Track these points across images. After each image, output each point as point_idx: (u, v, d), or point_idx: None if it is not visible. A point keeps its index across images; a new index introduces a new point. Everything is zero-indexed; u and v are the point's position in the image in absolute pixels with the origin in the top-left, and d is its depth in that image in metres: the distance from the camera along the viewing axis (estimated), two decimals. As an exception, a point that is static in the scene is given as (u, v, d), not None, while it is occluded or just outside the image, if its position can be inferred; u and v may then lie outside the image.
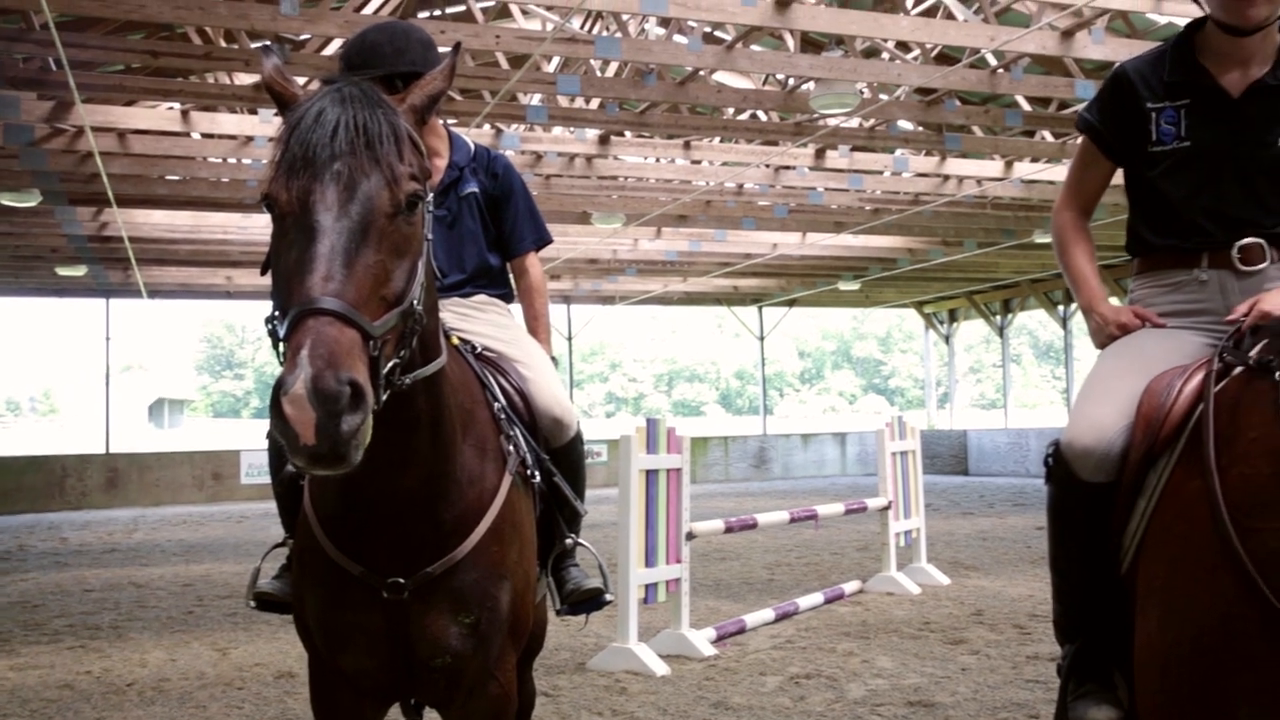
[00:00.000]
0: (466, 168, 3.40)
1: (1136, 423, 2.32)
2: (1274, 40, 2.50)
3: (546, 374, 3.24)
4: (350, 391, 1.76)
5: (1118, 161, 2.67)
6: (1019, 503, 17.33)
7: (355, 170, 1.99)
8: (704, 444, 26.57)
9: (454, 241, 3.37)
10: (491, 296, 3.42)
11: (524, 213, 3.49)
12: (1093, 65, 11.65)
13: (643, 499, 6.21)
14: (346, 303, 1.86)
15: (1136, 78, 2.60)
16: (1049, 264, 22.41)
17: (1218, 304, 2.50)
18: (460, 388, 2.68)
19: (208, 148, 12.61)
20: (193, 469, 22.35)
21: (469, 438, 2.65)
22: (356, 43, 3.28)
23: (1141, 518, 2.27)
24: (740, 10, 8.73)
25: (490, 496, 2.64)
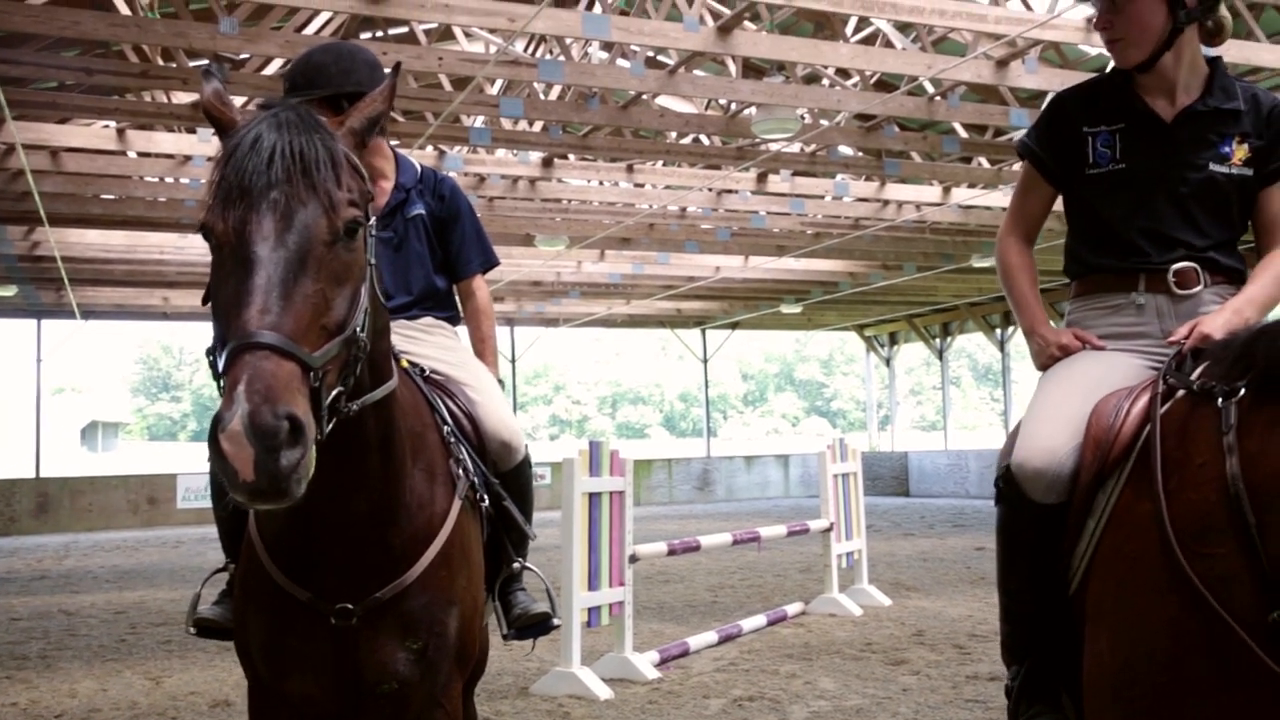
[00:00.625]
0: (413, 189, 3.38)
1: (1086, 444, 2.35)
2: (1202, 69, 2.59)
3: (494, 397, 3.22)
4: (288, 426, 1.73)
5: (1057, 186, 2.71)
6: (959, 523, 17.54)
7: (292, 199, 1.96)
8: (648, 466, 26.57)
9: (400, 264, 3.34)
10: (438, 319, 3.40)
11: (471, 235, 3.47)
12: (1026, 94, 11.91)
13: (585, 522, 6.19)
14: (284, 335, 1.83)
15: (1073, 103, 2.67)
16: (987, 288, 22.79)
17: (1154, 328, 2.55)
18: (410, 411, 2.66)
19: (144, 167, 12.42)
20: (127, 493, 21.88)
21: (419, 461, 2.63)
22: (301, 63, 3.25)
23: (1090, 538, 2.29)
24: (683, 35, 8.81)
25: (440, 521, 2.62)
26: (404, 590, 2.49)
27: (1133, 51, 2.54)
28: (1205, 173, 2.53)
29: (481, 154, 12.99)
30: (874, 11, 8.63)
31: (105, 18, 8.33)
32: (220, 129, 2.12)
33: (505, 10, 8.31)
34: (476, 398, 3.16)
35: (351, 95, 3.19)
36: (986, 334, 25.95)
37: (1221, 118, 2.55)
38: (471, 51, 10.63)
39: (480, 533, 2.90)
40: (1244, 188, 2.56)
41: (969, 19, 8.75)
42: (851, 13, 9.09)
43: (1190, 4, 2.51)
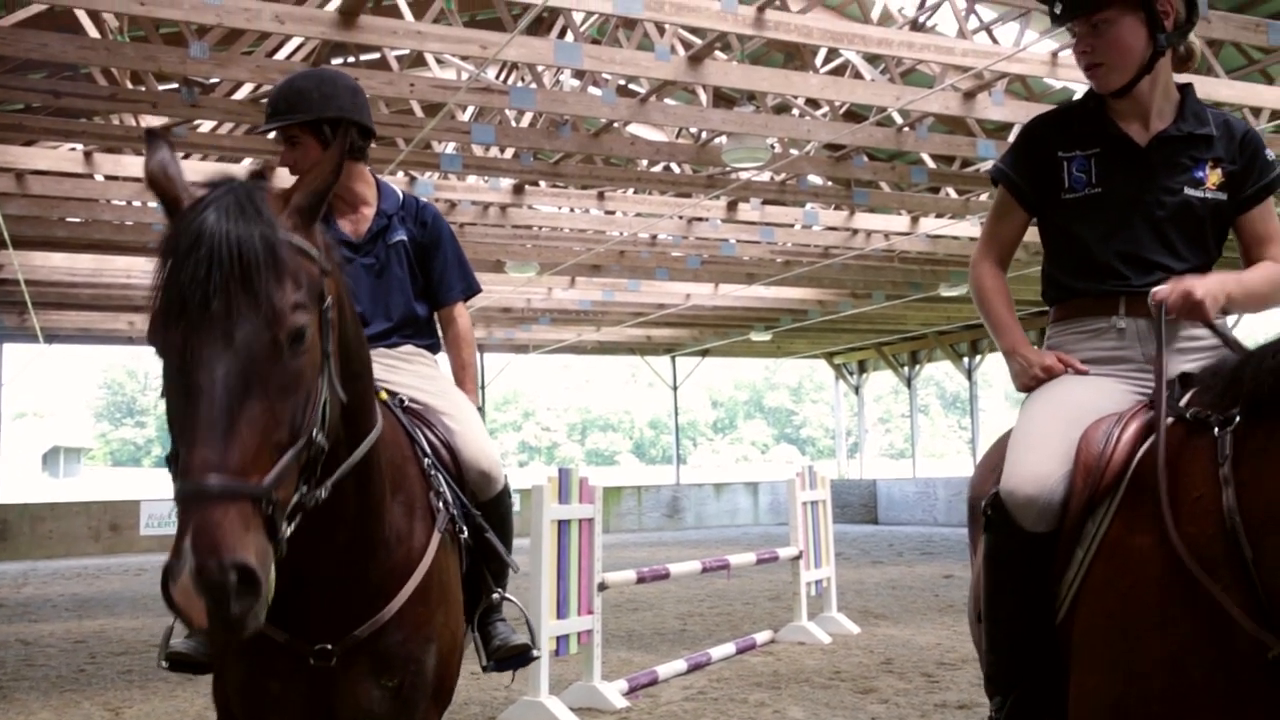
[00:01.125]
0: (395, 215, 3.38)
1: (1076, 471, 2.33)
2: (1174, 95, 2.61)
3: (474, 426, 3.21)
4: (237, 578, 1.71)
5: (1032, 211, 2.71)
6: (927, 551, 17.58)
7: (233, 314, 1.87)
8: (617, 493, 26.50)
9: (381, 290, 3.34)
10: (418, 347, 3.39)
11: (453, 262, 3.47)
12: (993, 125, 12.06)
13: (554, 549, 6.15)
14: (229, 474, 1.78)
15: (1048, 129, 2.67)
16: (955, 317, 22.98)
17: (1136, 352, 2.54)
18: (390, 444, 2.64)
19: (111, 190, 12.32)
20: (89, 520, 21.56)
21: (398, 495, 2.61)
22: (284, 88, 3.25)
23: (1079, 567, 2.26)
24: (654, 65, 8.86)
25: (419, 555, 2.60)
26: (381, 627, 2.47)
27: (1114, 76, 2.55)
28: (1180, 196, 2.54)
29: (452, 180, 12.98)
30: (843, 43, 8.72)
31: (74, 40, 8.28)
32: (165, 207, 2.02)
33: (477, 37, 8.34)
34: (455, 427, 3.14)
35: (333, 121, 3.20)
36: (954, 362, 26.14)
37: (1194, 142, 2.57)
38: (443, 78, 10.64)
39: (460, 565, 2.88)
40: (1218, 212, 2.57)
41: (936, 51, 8.86)
42: (821, 44, 9.19)
43: (1168, 28, 2.53)
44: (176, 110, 9.57)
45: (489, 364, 26.88)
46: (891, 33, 9.03)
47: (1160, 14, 2.50)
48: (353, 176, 3.34)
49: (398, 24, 8.33)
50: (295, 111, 3.19)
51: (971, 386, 26.14)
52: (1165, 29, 2.52)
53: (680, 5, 7.87)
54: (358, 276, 3.30)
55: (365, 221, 3.35)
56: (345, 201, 3.37)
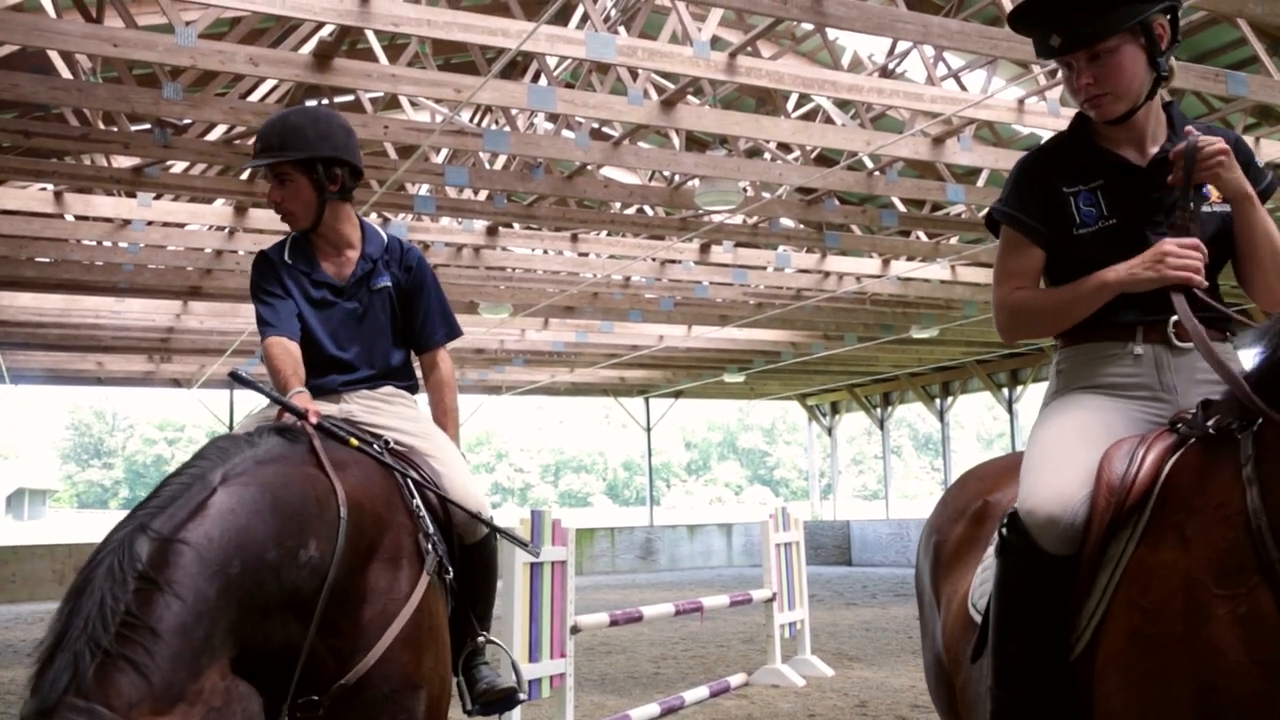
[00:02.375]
0: (380, 260, 3.38)
1: (1097, 491, 2.24)
2: (1162, 116, 2.56)
3: (459, 469, 3.20)
4: None
5: (1046, 247, 2.58)
6: (901, 593, 17.57)
7: None
8: (590, 535, 26.36)
9: (364, 336, 3.34)
10: (398, 388, 3.38)
11: (435, 307, 3.48)
12: (962, 170, 12.22)
13: (527, 592, 6.11)
14: None
15: (1045, 166, 2.59)
16: (926, 358, 23.13)
17: (1153, 379, 2.46)
18: (372, 499, 2.64)
19: (81, 230, 12.25)
20: (53, 563, 21.20)
21: (382, 549, 2.60)
22: (277, 124, 3.22)
23: (1103, 593, 2.18)
24: (627, 108, 8.94)
25: (403, 601, 2.58)
26: (366, 676, 2.44)
27: (1120, 104, 2.47)
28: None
29: (426, 221, 13.00)
30: (814, 89, 8.82)
31: (45, 81, 8.26)
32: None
33: (451, 81, 8.38)
34: (441, 469, 3.13)
35: (327, 160, 3.19)
36: (926, 404, 26.26)
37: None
38: (417, 120, 10.69)
39: (446, 608, 2.86)
40: (1224, 224, 2.50)
41: (906, 98, 8.99)
42: (792, 89, 9.29)
43: (1164, 49, 2.46)
44: (149, 151, 9.55)
45: (462, 405, 26.67)
46: (861, 79, 9.15)
47: (1157, 38, 2.45)
48: (340, 218, 3.35)
49: (372, 67, 8.37)
50: (289, 149, 3.17)
51: (943, 428, 26.26)
52: (1163, 53, 2.46)
53: (653, 50, 7.95)
54: (340, 320, 3.29)
55: (349, 265, 3.35)
56: (330, 243, 3.36)
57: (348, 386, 3.29)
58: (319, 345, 3.28)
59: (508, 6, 9.33)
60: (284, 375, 3.06)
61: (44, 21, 7.55)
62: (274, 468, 2.44)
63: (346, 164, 3.29)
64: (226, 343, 18.16)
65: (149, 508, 2.23)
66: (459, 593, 2.98)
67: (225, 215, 11.80)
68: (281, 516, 2.35)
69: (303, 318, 3.28)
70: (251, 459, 2.42)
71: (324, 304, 3.32)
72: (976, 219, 13.10)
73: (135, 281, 13.87)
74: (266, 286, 3.30)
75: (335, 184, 3.28)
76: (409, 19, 7.12)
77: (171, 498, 2.24)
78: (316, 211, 3.29)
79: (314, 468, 2.57)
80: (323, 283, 3.33)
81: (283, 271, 3.33)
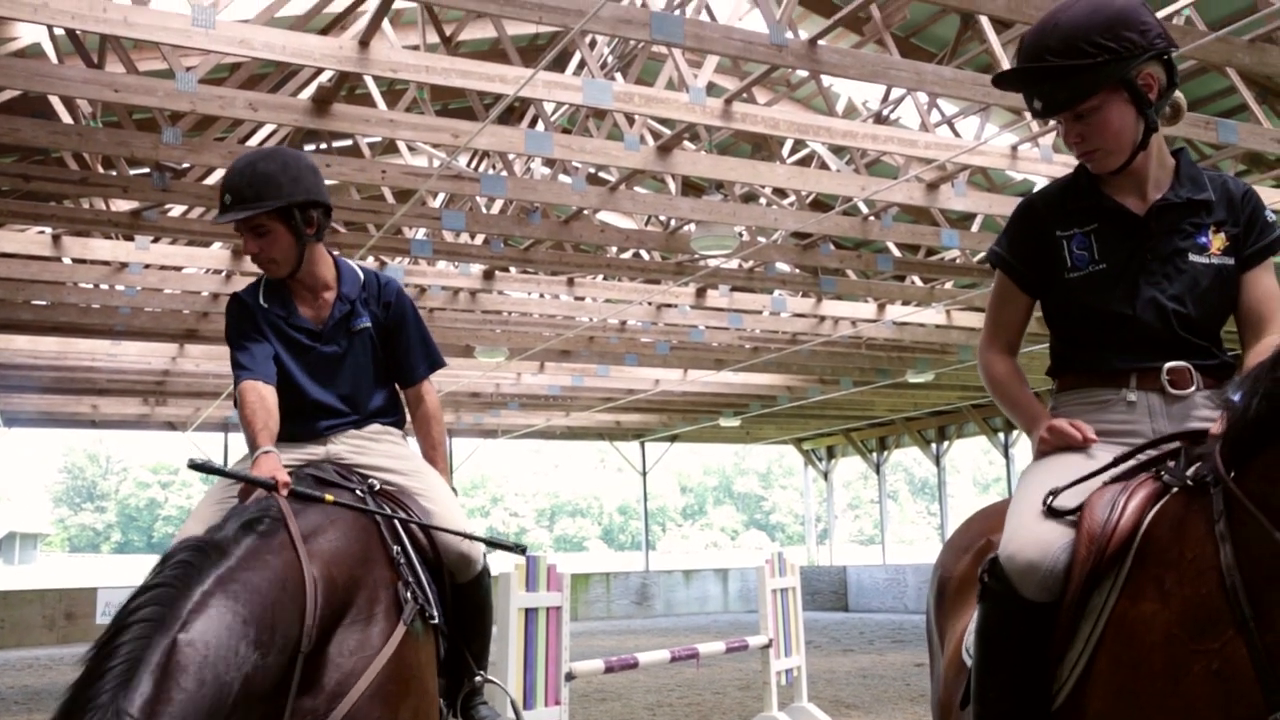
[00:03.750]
0: (357, 300, 3.32)
1: (1079, 539, 2.23)
2: (1169, 162, 2.54)
3: (449, 507, 3.16)
4: None
5: (1033, 294, 2.63)
6: (898, 639, 17.44)
7: None
8: (585, 580, 26.20)
9: (346, 378, 3.29)
10: (385, 425, 3.34)
11: (416, 340, 3.41)
12: (956, 215, 12.29)
13: (521, 638, 6.06)
14: None
15: (1042, 209, 2.60)
16: (922, 403, 23.13)
17: (1146, 427, 2.45)
18: (344, 565, 2.65)
19: (79, 273, 12.28)
20: (43, 608, 21.03)
21: (353, 610, 2.61)
22: (245, 172, 3.11)
23: (1085, 644, 2.16)
24: (624, 154, 9.00)
25: (370, 659, 2.57)
26: None
27: (1112, 159, 2.47)
28: (1186, 264, 2.47)
29: (423, 265, 13.04)
30: (809, 135, 8.90)
31: (46, 125, 8.32)
32: None
33: (449, 126, 8.45)
34: (431, 508, 3.10)
35: (303, 205, 3.15)
36: (922, 448, 26.23)
37: (1194, 208, 2.50)
38: (415, 165, 10.75)
39: (437, 650, 2.84)
40: (1223, 276, 2.49)
41: (900, 144, 9.06)
42: (788, 135, 9.37)
43: (1153, 99, 2.44)
44: (147, 195, 9.60)
45: (457, 449, 26.70)
46: (856, 125, 9.23)
47: (1144, 89, 2.42)
48: (314, 260, 3.29)
49: (370, 112, 8.43)
50: (265, 198, 3.09)
51: (940, 472, 26.21)
52: (1151, 103, 2.43)
53: (650, 97, 8.02)
54: (320, 364, 3.26)
55: (326, 307, 3.30)
56: (306, 286, 3.31)
57: (333, 430, 3.26)
58: (300, 390, 3.24)
59: (505, 53, 9.42)
60: (254, 430, 3.01)
61: (45, 67, 7.62)
62: (242, 580, 2.45)
63: (320, 204, 3.23)
64: (222, 386, 18.13)
65: (113, 673, 2.24)
66: (451, 633, 2.95)
67: (222, 258, 11.83)
68: (255, 626, 2.39)
69: (281, 362, 3.23)
70: (215, 579, 2.42)
71: (303, 348, 3.27)
72: (971, 264, 13.16)
73: (131, 324, 13.88)
74: (241, 330, 3.25)
75: (312, 227, 3.23)
76: (408, 65, 7.18)
77: (136, 659, 2.24)
78: (297, 258, 3.23)
79: (287, 552, 2.58)
80: (300, 327, 3.28)
81: (258, 315, 3.28)
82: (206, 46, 6.49)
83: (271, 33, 6.72)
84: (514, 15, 6.61)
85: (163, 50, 7.20)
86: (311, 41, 6.96)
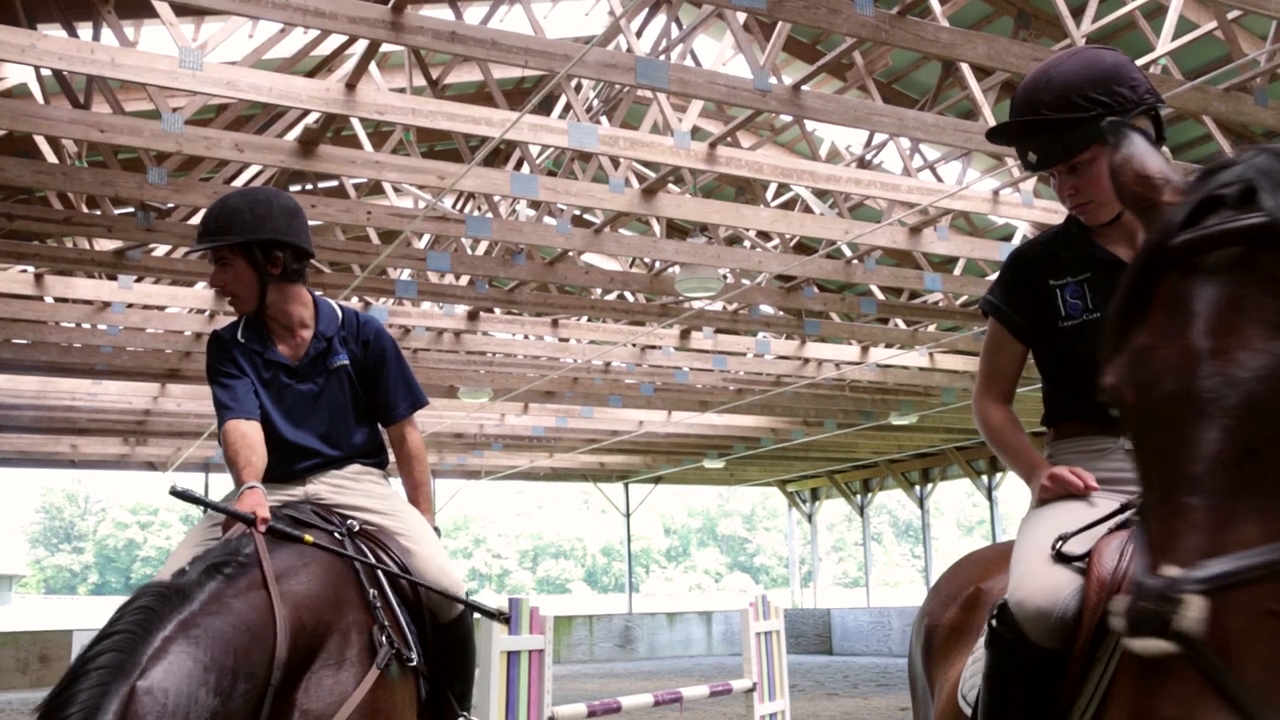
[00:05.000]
0: (335, 338, 3.31)
1: (1089, 584, 2.22)
2: None
3: (430, 547, 3.14)
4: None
5: (1027, 343, 2.64)
6: (882, 682, 17.33)
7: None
8: (568, 623, 26.00)
9: (323, 416, 3.27)
10: (366, 465, 3.33)
11: (397, 379, 3.39)
12: (939, 259, 12.38)
13: (503, 681, 6.00)
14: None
15: (1034, 257, 2.62)
16: (906, 445, 23.16)
17: None
18: (315, 608, 2.64)
19: (61, 312, 12.23)
20: (17, 651, 20.71)
21: (324, 653, 2.59)
22: (216, 208, 3.19)
23: (1096, 689, 2.13)
24: (609, 196, 9.05)
25: (338, 705, 2.56)
26: None
27: (1104, 211, 2.50)
28: None
29: (407, 306, 13.04)
30: (793, 179, 8.97)
31: (30, 165, 8.32)
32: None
33: (435, 168, 8.49)
34: (412, 548, 3.09)
35: (265, 244, 3.17)
36: (906, 491, 26.24)
37: None
38: (400, 206, 10.80)
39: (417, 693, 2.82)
40: None
41: (883, 188, 9.14)
42: (771, 179, 9.45)
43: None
44: (131, 234, 9.59)
45: (440, 489, 26.56)
46: (839, 169, 9.31)
47: None
48: (288, 299, 3.28)
49: (356, 154, 8.47)
50: (226, 233, 3.13)
51: (924, 515, 26.20)
52: None
53: (634, 140, 8.09)
54: (295, 402, 3.25)
55: (303, 345, 3.29)
56: (282, 325, 3.31)
57: (311, 470, 3.24)
58: (275, 429, 3.24)
59: (491, 96, 9.49)
60: (238, 467, 3.02)
61: (32, 107, 7.64)
62: (204, 625, 2.45)
63: (288, 245, 3.23)
64: (203, 425, 18.02)
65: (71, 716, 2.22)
66: (433, 674, 2.93)
67: (206, 298, 11.81)
68: (216, 672, 2.37)
69: (259, 401, 3.24)
70: (177, 624, 2.41)
71: (277, 385, 3.27)
72: (954, 307, 13.24)
73: (113, 364, 13.81)
74: (221, 368, 3.26)
75: (276, 266, 3.23)
76: (394, 107, 7.22)
77: (93, 708, 2.21)
78: (259, 294, 3.25)
79: (255, 592, 2.58)
80: (275, 363, 3.28)
81: (236, 350, 3.29)
82: (193, 88, 6.52)
83: (258, 75, 6.76)
84: (500, 59, 6.67)
85: (149, 91, 7.23)
86: (298, 84, 7.00)
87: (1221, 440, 1.26)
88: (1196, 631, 1.18)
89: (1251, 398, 1.25)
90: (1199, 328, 1.32)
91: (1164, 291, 1.40)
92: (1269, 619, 1.20)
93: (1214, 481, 1.25)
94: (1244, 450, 1.24)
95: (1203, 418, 1.27)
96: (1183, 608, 1.20)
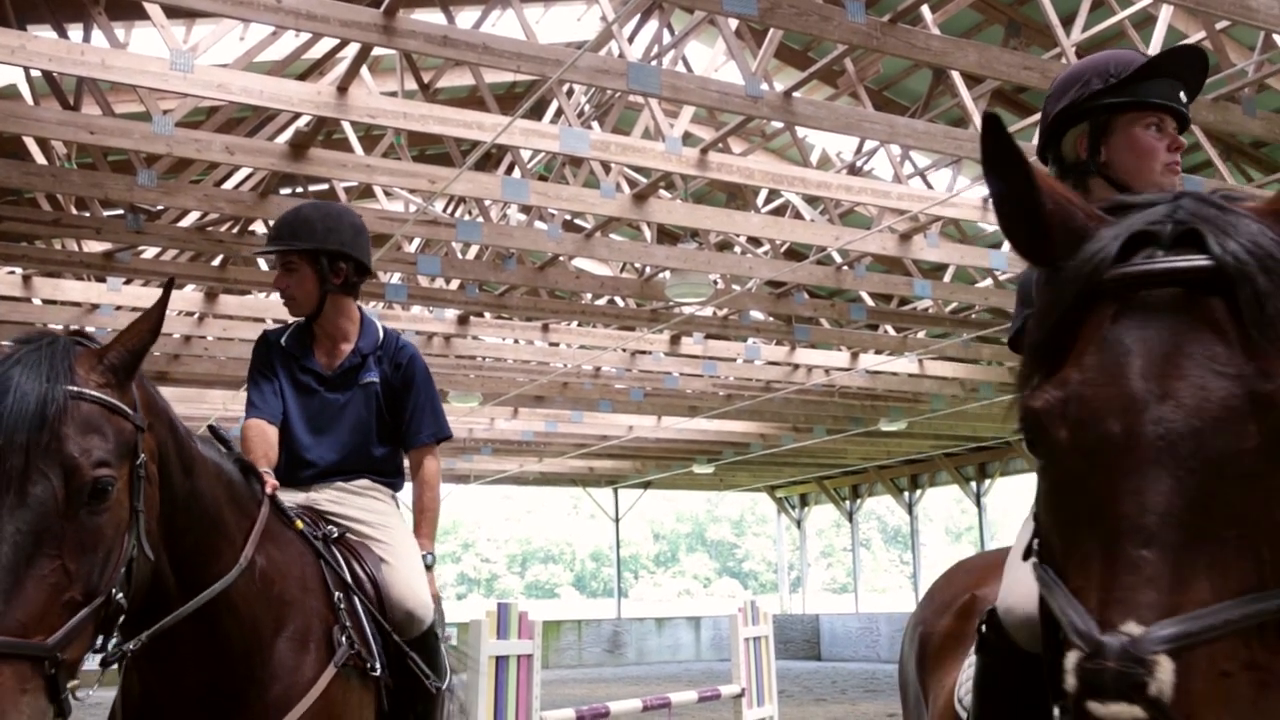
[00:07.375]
0: (371, 355, 3.42)
1: None
2: None
3: (407, 565, 3.16)
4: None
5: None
6: (871, 688, 17.35)
7: (29, 469, 1.89)
8: (557, 627, 25.96)
9: (342, 428, 3.36)
10: (376, 482, 3.37)
11: (424, 405, 3.49)
12: (928, 265, 12.42)
13: (492, 686, 6.00)
14: (10, 634, 1.79)
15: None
16: (895, 451, 23.20)
17: None
18: (283, 577, 2.66)
19: (49, 314, 12.18)
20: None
21: (286, 629, 2.59)
22: (290, 215, 3.35)
23: None
24: (600, 201, 9.06)
25: (302, 690, 2.55)
26: None
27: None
28: None
29: (397, 310, 13.03)
30: (784, 185, 9.00)
31: (19, 166, 8.29)
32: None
33: (426, 172, 8.49)
34: (389, 560, 3.11)
35: (332, 254, 3.26)
36: (895, 497, 26.29)
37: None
38: (391, 210, 10.79)
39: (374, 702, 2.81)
40: None
41: (873, 195, 9.17)
42: (762, 185, 9.47)
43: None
44: (121, 236, 9.56)
45: (429, 494, 26.51)
46: (830, 176, 9.34)
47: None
48: (340, 311, 3.42)
49: (347, 157, 8.46)
50: (297, 239, 3.27)
51: (912, 521, 26.24)
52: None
53: (626, 145, 8.10)
54: (319, 410, 3.32)
55: (341, 357, 3.41)
56: (327, 334, 3.43)
57: (318, 479, 3.29)
58: (294, 433, 3.34)
59: (483, 100, 9.49)
60: (254, 458, 3.12)
61: (21, 108, 7.62)
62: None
63: (352, 259, 3.36)
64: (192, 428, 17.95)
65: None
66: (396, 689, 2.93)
67: (195, 301, 11.78)
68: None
69: (285, 405, 3.36)
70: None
71: (306, 390, 3.38)
72: (943, 314, 13.28)
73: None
74: (259, 369, 3.42)
75: (338, 277, 3.37)
76: (386, 111, 7.22)
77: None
78: (318, 301, 3.37)
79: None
80: (310, 370, 3.40)
81: (275, 355, 3.43)
82: (184, 90, 6.51)
83: (250, 77, 6.75)
84: (492, 64, 6.68)
85: (140, 93, 7.21)
86: (290, 87, 7.00)
87: (1173, 491, 1.20)
88: (1168, 696, 1.11)
89: (1204, 449, 1.20)
90: (1142, 369, 1.26)
91: (1094, 325, 1.33)
92: (1224, 680, 1.16)
93: (1167, 535, 1.19)
94: (1196, 503, 1.19)
95: (1153, 466, 1.21)
96: (1154, 669, 1.12)
